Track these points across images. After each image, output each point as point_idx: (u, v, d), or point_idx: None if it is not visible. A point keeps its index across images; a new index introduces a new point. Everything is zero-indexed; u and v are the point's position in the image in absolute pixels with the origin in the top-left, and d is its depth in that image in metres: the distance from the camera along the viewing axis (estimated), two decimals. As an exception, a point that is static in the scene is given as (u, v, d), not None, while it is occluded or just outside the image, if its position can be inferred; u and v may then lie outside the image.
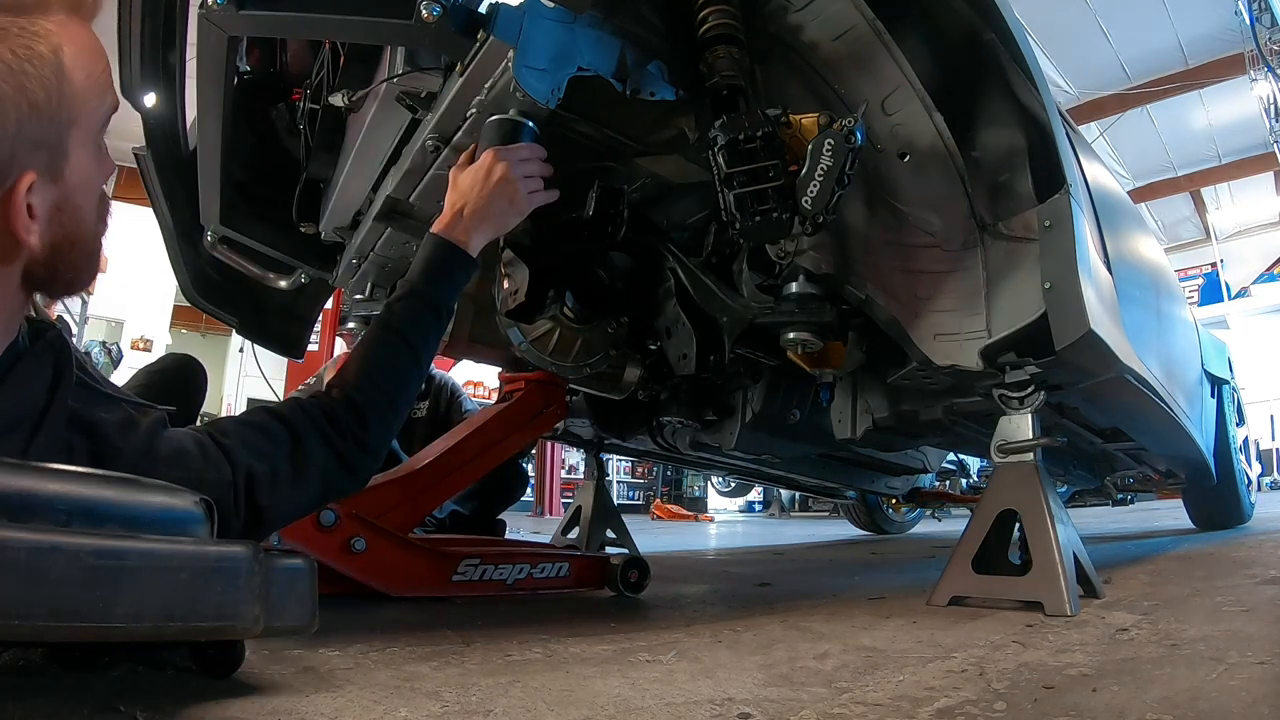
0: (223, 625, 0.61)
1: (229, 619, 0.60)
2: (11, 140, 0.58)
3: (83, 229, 0.67)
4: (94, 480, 0.61)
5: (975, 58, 1.19)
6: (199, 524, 0.63)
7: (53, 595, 0.53)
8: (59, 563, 0.53)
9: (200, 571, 0.59)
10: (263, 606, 0.61)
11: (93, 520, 0.57)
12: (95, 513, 0.58)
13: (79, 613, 0.54)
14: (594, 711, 0.69)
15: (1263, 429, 8.83)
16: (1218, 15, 7.29)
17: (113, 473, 0.63)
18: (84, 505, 0.58)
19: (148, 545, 0.58)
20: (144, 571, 0.57)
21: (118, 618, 0.55)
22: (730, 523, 7.73)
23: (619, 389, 1.80)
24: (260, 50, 1.70)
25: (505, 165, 1.01)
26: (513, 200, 1.02)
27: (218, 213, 1.69)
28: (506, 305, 1.42)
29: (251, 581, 0.61)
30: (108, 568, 0.55)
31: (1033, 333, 1.20)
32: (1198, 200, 11.43)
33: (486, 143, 1.07)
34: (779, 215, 1.04)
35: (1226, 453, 2.72)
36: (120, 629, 0.56)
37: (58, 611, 0.53)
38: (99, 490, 0.60)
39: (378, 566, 1.34)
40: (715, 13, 1.11)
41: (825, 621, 1.20)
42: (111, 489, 0.61)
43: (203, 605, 0.59)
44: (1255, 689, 0.71)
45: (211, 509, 0.65)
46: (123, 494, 0.61)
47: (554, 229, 1.35)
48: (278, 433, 0.79)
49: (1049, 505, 1.22)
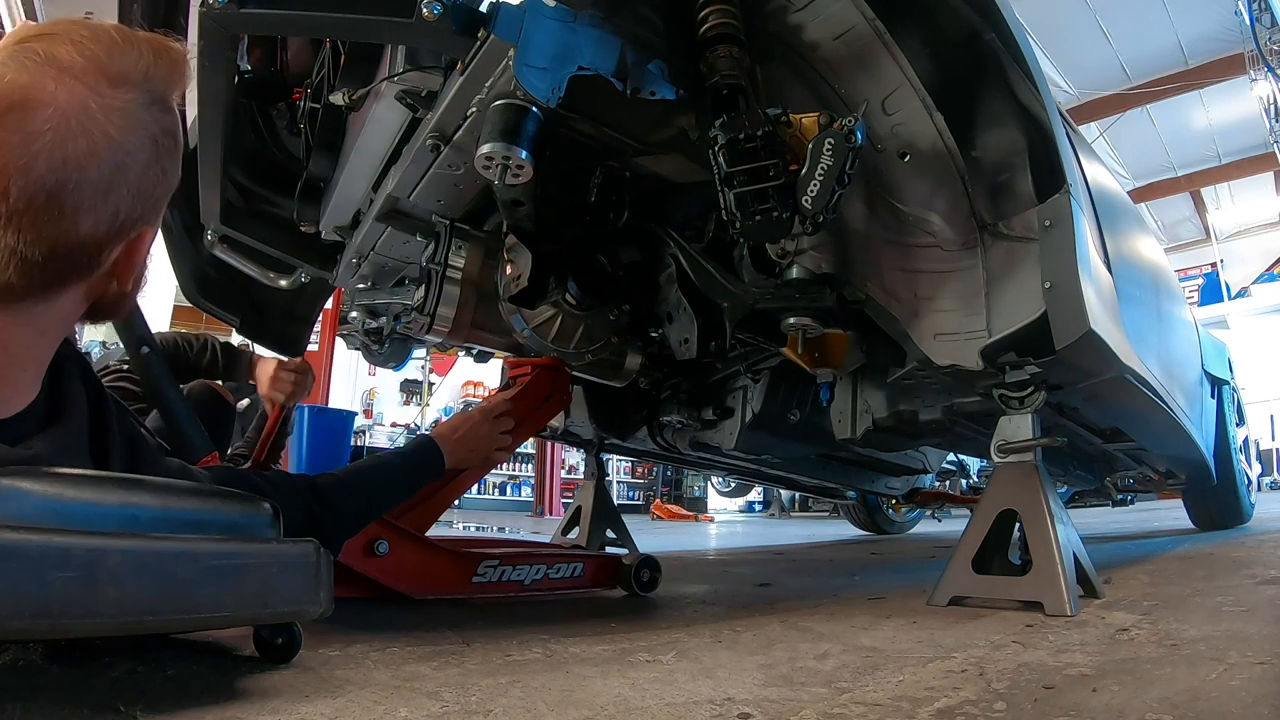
0: (300, 610, 0.74)
1: (305, 604, 0.74)
2: (149, 198, 0.68)
3: (147, 273, 0.76)
4: (195, 494, 0.73)
5: (975, 57, 1.19)
6: (270, 526, 0.75)
7: (177, 592, 0.64)
8: (185, 564, 0.65)
9: (284, 566, 0.72)
10: (326, 593, 0.74)
11: (195, 527, 0.69)
12: (197, 521, 0.70)
13: (198, 606, 0.65)
14: (594, 711, 0.69)
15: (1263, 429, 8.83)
16: (1218, 15, 7.29)
17: (209, 486, 0.76)
18: (190, 515, 0.70)
19: (250, 547, 0.70)
20: (247, 569, 0.69)
21: (227, 607, 0.68)
22: (730, 523, 7.73)
23: (620, 376, 1.80)
24: (261, 49, 1.70)
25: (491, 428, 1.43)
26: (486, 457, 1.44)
27: (218, 211, 1.69)
28: (509, 290, 1.42)
29: (320, 572, 0.74)
30: (223, 566, 0.67)
31: (1033, 332, 1.20)
32: (1198, 200, 11.43)
33: (491, 129, 1.07)
34: (779, 214, 1.04)
35: (1226, 453, 2.72)
36: (230, 618, 0.70)
37: (181, 605, 0.64)
38: (200, 502, 0.72)
39: (401, 569, 1.33)
40: (715, 12, 1.10)
41: (825, 621, 1.20)
42: (208, 501, 0.73)
43: (285, 592, 0.72)
44: (1255, 689, 0.71)
45: (278, 513, 0.76)
46: (218, 505, 0.73)
47: (557, 214, 1.35)
48: None
49: (1049, 505, 1.22)
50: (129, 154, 0.64)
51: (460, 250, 1.49)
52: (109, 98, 0.63)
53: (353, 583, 1.31)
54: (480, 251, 1.51)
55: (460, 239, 1.50)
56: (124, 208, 0.65)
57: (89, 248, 0.65)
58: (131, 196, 0.66)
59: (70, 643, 0.82)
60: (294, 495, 0.95)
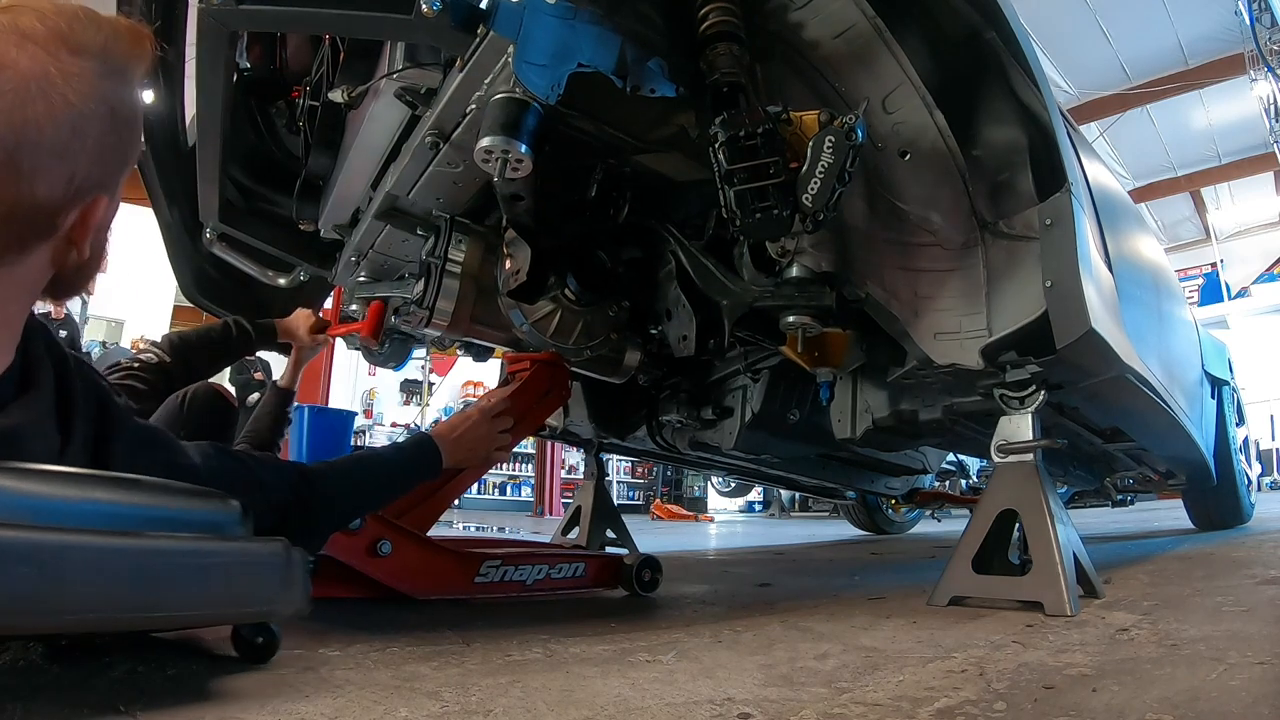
0: (269, 609, 0.74)
1: (275, 603, 0.73)
2: (105, 166, 0.70)
3: (107, 242, 0.76)
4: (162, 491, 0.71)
5: (976, 56, 1.19)
6: (239, 524, 0.74)
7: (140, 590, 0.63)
8: (148, 562, 0.63)
9: (251, 565, 0.71)
10: (294, 592, 0.74)
11: (162, 524, 0.67)
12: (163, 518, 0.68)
13: (161, 604, 0.64)
14: (594, 711, 0.69)
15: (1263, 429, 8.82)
16: (1218, 15, 7.28)
17: (178, 483, 0.74)
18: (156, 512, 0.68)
19: (216, 545, 0.69)
20: (213, 567, 0.68)
21: (192, 606, 0.67)
22: (730, 523, 7.73)
23: (619, 373, 1.80)
24: (260, 47, 1.70)
25: (489, 427, 1.39)
26: (485, 456, 1.40)
27: (217, 210, 1.69)
28: (509, 285, 1.41)
29: (291, 571, 0.73)
30: (188, 565, 0.66)
31: (1033, 331, 1.20)
32: (1198, 200, 11.42)
33: (491, 123, 1.07)
34: (779, 212, 1.03)
35: (1226, 453, 2.72)
36: (196, 616, 0.70)
37: (144, 604, 0.63)
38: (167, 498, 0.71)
39: (404, 569, 1.33)
40: (715, 10, 1.10)
41: (825, 621, 1.20)
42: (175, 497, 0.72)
43: (254, 591, 0.71)
44: (1255, 689, 0.71)
45: (248, 511, 0.75)
46: (185, 502, 0.72)
47: (557, 210, 1.35)
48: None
49: (1049, 505, 1.22)
50: (86, 120, 0.66)
51: (460, 244, 1.49)
52: (68, 64, 0.65)
53: (354, 582, 1.31)
54: (480, 246, 1.51)
55: (460, 233, 1.49)
56: (79, 173, 0.67)
57: (46, 209, 0.66)
58: (88, 162, 0.67)
59: (70, 642, 0.82)
60: (283, 478, 0.94)
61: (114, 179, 0.72)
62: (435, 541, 1.41)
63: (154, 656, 0.81)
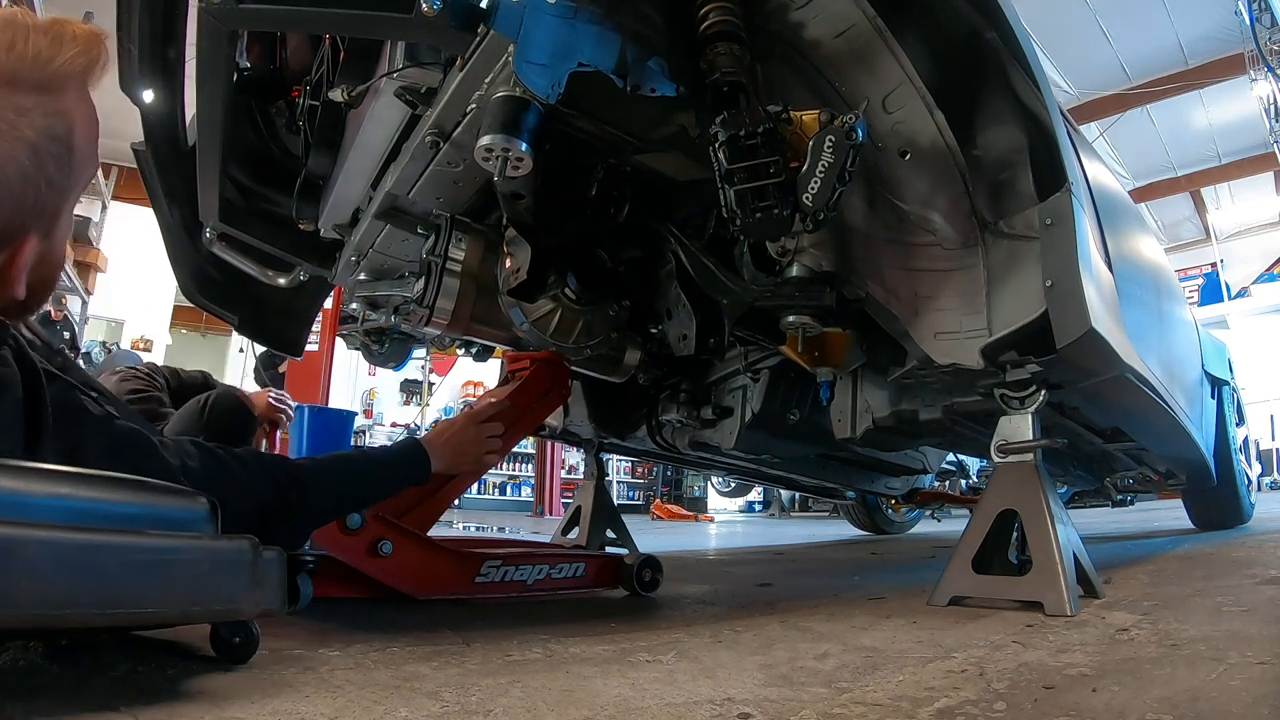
0: (232, 608, 0.72)
1: (239, 602, 0.72)
2: (26, 211, 0.66)
3: (56, 272, 0.74)
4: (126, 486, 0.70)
5: (976, 56, 1.18)
6: (206, 522, 0.73)
7: (97, 586, 0.62)
8: (106, 557, 0.62)
9: (216, 563, 0.70)
10: (263, 591, 0.72)
11: (124, 520, 0.66)
12: (126, 514, 0.67)
13: (119, 601, 0.63)
14: (594, 711, 0.69)
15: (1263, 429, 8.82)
16: (1218, 15, 7.28)
17: (139, 478, 0.72)
18: (118, 509, 0.67)
19: (177, 542, 0.68)
20: (175, 564, 0.67)
21: (151, 603, 0.66)
22: (730, 523, 7.73)
23: (619, 372, 1.80)
24: (260, 46, 1.70)
25: (477, 432, 1.38)
26: (476, 460, 1.39)
27: (217, 209, 1.69)
28: (509, 284, 1.41)
29: (258, 570, 0.72)
30: (147, 561, 0.65)
31: (1034, 331, 1.20)
32: (1198, 200, 11.42)
33: (491, 121, 1.07)
34: (780, 212, 1.03)
35: (1226, 453, 2.72)
36: (155, 614, 0.68)
37: (101, 600, 0.62)
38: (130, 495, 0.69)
39: (405, 569, 1.33)
40: (716, 9, 1.10)
41: (825, 621, 1.20)
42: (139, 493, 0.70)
43: (217, 590, 0.70)
44: (1255, 689, 0.71)
45: (216, 509, 0.73)
46: (149, 498, 0.70)
47: (557, 209, 1.35)
48: None
49: (1049, 505, 1.22)
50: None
51: (460, 243, 1.49)
52: None
53: (354, 582, 1.31)
54: (480, 244, 1.51)
55: (460, 232, 1.50)
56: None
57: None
58: (7, 211, 0.64)
59: (70, 642, 0.82)
60: (266, 472, 0.94)
61: (44, 218, 0.68)
62: (436, 541, 1.41)
63: (154, 657, 0.81)
